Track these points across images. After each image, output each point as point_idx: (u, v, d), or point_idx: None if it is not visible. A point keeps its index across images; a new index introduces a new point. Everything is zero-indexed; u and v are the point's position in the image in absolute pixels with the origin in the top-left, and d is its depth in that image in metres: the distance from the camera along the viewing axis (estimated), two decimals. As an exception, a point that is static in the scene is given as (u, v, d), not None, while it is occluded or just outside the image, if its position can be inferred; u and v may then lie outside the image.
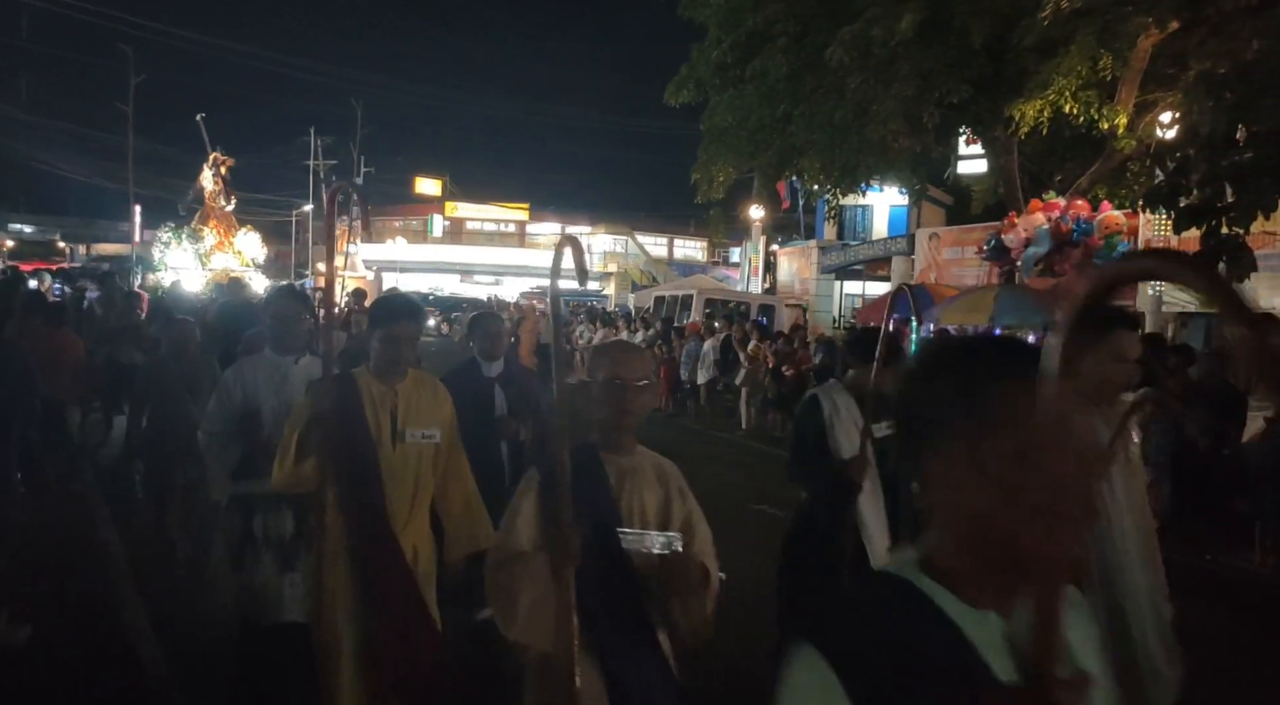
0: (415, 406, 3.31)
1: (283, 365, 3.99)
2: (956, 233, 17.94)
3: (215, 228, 20.88)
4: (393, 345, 3.26)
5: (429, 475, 3.32)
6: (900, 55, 13.23)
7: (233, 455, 3.79)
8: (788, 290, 24.91)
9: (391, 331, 3.26)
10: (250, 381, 3.92)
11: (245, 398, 3.88)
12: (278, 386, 3.91)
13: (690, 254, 50.01)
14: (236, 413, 3.84)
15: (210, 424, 3.90)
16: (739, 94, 16.32)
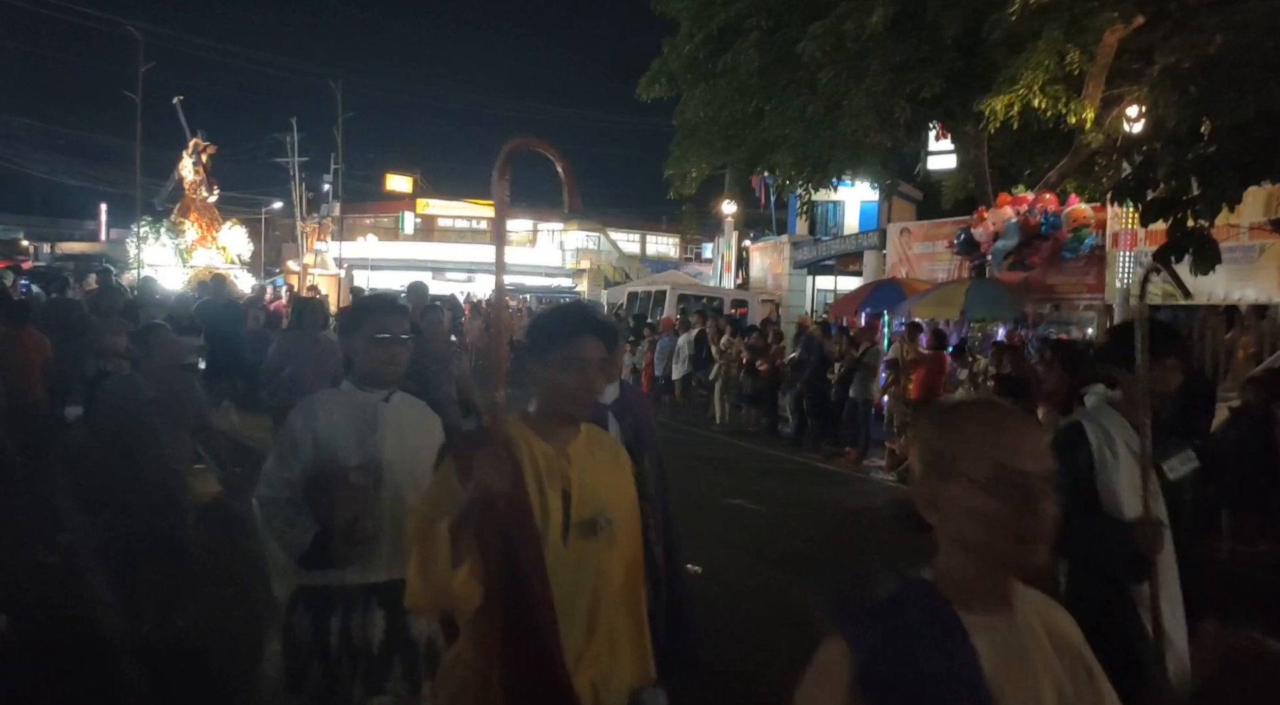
0: (593, 480, 2.25)
1: (369, 405, 2.97)
2: (927, 227, 18.05)
3: (197, 221, 19.52)
4: (579, 374, 2.21)
5: (611, 582, 2.24)
6: (871, 50, 13.29)
7: (303, 534, 2.80)
8: (760, 285, 24.96)
9: (575, 353, 2.20)
10: (326, 428, 2.92)
11: (319, 452, 2.90)
12: (363, 435, 2.92)
13: (663, 250, 50.03)
14: (307, 473, 2.88)
15: (270, 488, 2.89)
16: (711, 89, 16.32)
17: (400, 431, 2.98)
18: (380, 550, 2.84)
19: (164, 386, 4.67)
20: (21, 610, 4.86)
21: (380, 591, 2.82)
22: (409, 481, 2.87)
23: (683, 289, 21.89)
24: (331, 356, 6.90)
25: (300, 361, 6.96)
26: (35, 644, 4.63)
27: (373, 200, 48.38)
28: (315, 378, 6.63)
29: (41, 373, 7.59)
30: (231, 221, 20.47)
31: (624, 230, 48.66)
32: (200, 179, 19.46)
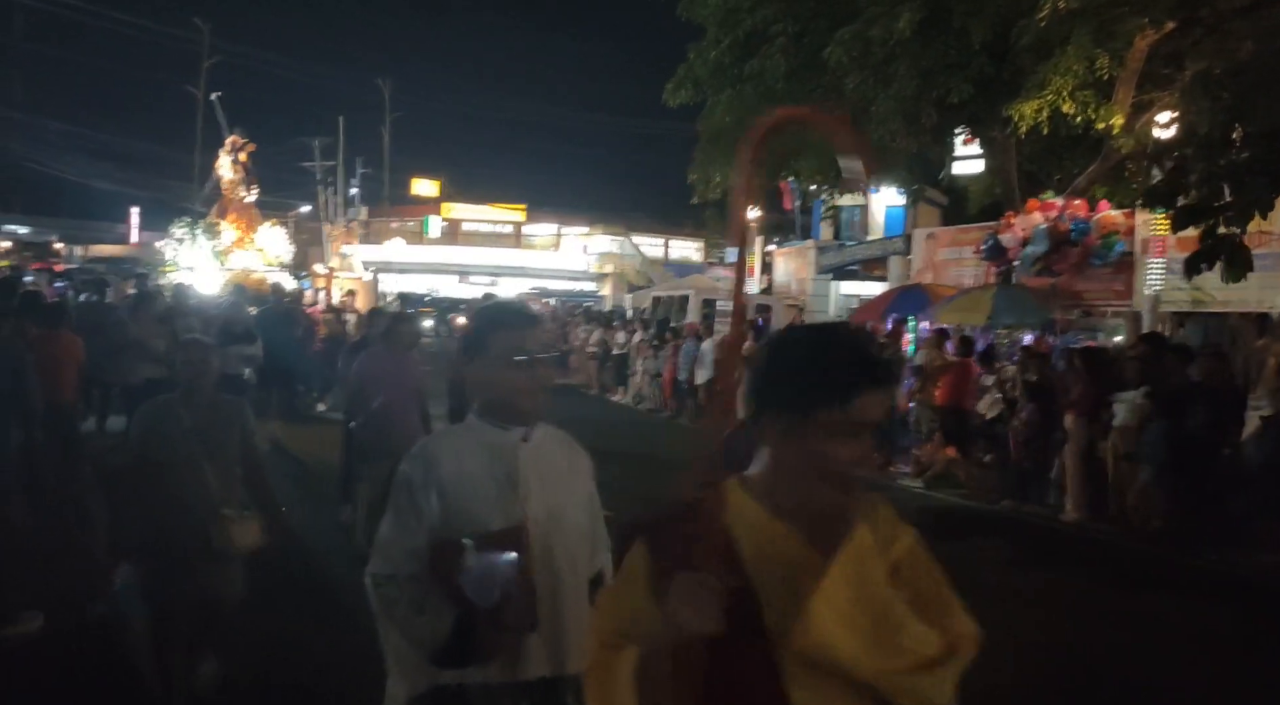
0: (856, 579, 1.52)
1: (507, 447, 2.30)
2: (953, 233, 17.95)
3: (234, 222, 18.10)
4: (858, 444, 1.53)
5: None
6: (899, 55, 13.27)
7: (438, 623, 2.14)
8: (784, 291, 24.91)
9: (869, 404, 1.51)
10: (455, 480, 2.24)
11: (450, 512, 2.21)
12: (503, 487, 2.25)
13: (686, 254, 49.98)
14: (436, 540, 2.18)
15: (388, 562, 2.23)
16: (737, 94, 16.33)
17: (548, 479, 2.32)
18: (533, 639, 2.22)
19: (206, 413, 3.96)
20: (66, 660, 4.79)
21: (534, 692, 2.21)
22: (563, 547, 2.28)
23: (706, 293, 21.89)
24: (418, 381, 6.50)
25: (390, 389, 6.22)
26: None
27: (398, 204, 48.71)
28: (408, 408, 6.23)
29: (74, 376, 7.66)
30: (271, 222, 19.44)
31: (648, 235, 48.70)
32: (238, 178, 18.41)
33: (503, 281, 42.68)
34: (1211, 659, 5.65)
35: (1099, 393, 8.88)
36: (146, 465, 3.83)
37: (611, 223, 47.40)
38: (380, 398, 6.14)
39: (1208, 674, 5.40)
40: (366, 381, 6.34)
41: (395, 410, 6.13)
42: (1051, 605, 6.54)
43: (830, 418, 1.49)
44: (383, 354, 6.49)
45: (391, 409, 6.12)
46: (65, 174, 39.05)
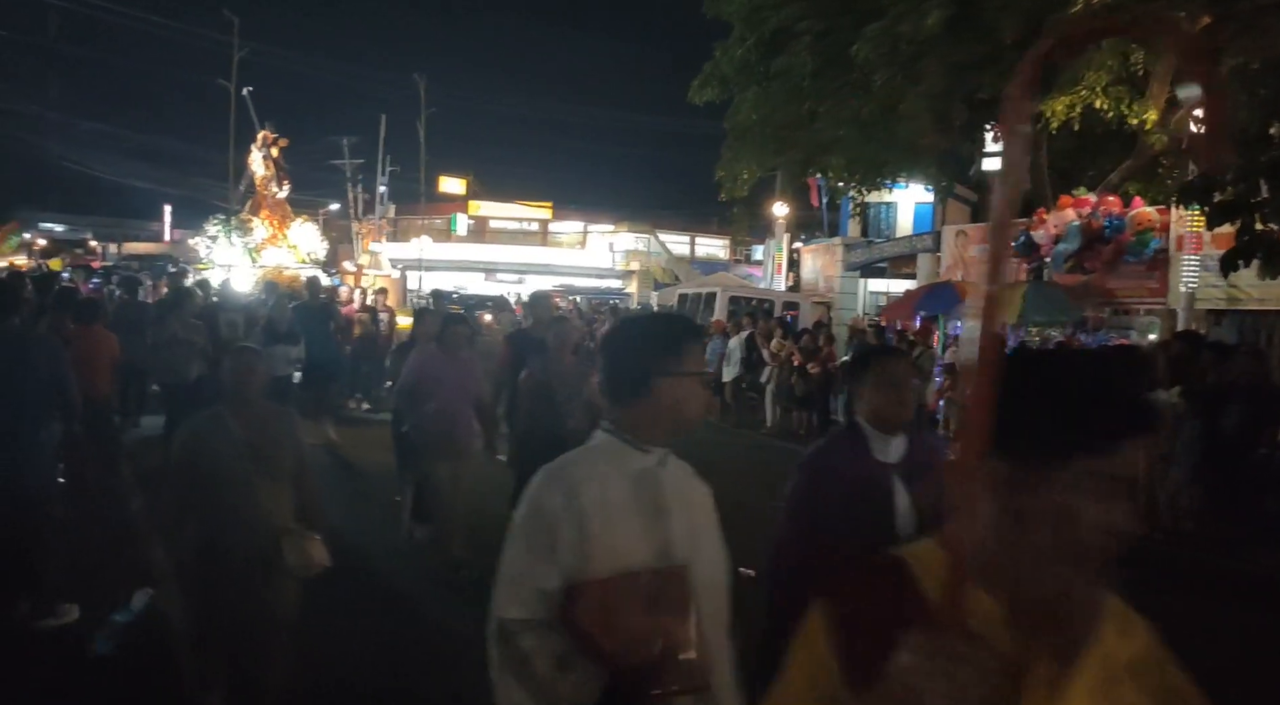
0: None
1: (648, 474, 1.99)
2: (984, 230, 17.79)
3: (267, 219, 17.65)
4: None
5: None
6: (928, 51, 13.16)
7: (583, 681, 1.79)
8: (812, 288, 24.81)
9: (1134, 451, 1.17)
10: (599, 510, 1.89)
11: (589, 544, 1.86)
12: (649, 520, 1.93)
13: (713, 252, 49.90)
14: (576, 581, 1.84)
15: (521, 606, 1.86)
16: (763, 92, 16.28)
17: (686, 513, 2.02)
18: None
19: (257, 425, 3.65)
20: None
21: None
22: (707, 593, 1.99)
23: (733, 291, 21.83)
24: (474, 381, 6.28)
25: (446, 390, 6.11)
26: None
27: (426, 201, 48.99)
28: (463, 410, 6.14)
29: (110, 371, 7.78)
30: (302, 218, 18.93)
31: (674, 232, 48.66)
32: (270, 174, 17.89)
33: (529, 279, 42.83)
34: (1247, 663, 5.57)
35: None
36: (195, 476, 3.57)
37: (637, 220, 47.41)
38: (434, 400, 6.06)
39: (1243, 679, 5.32)
40: (420, 383, 6.22)
41: (451, 412, 6.06)
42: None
43: (1086, 467, 1.14)
44: (436, 354, 6.33)
45: (447, 411, 6.04)
46: (99, 172, 39.65)
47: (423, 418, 6.10)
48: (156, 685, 4.31)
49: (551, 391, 5.50)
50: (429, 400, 6.06)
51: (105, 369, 7.73)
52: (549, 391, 5.51)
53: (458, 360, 6.24)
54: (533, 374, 5.74)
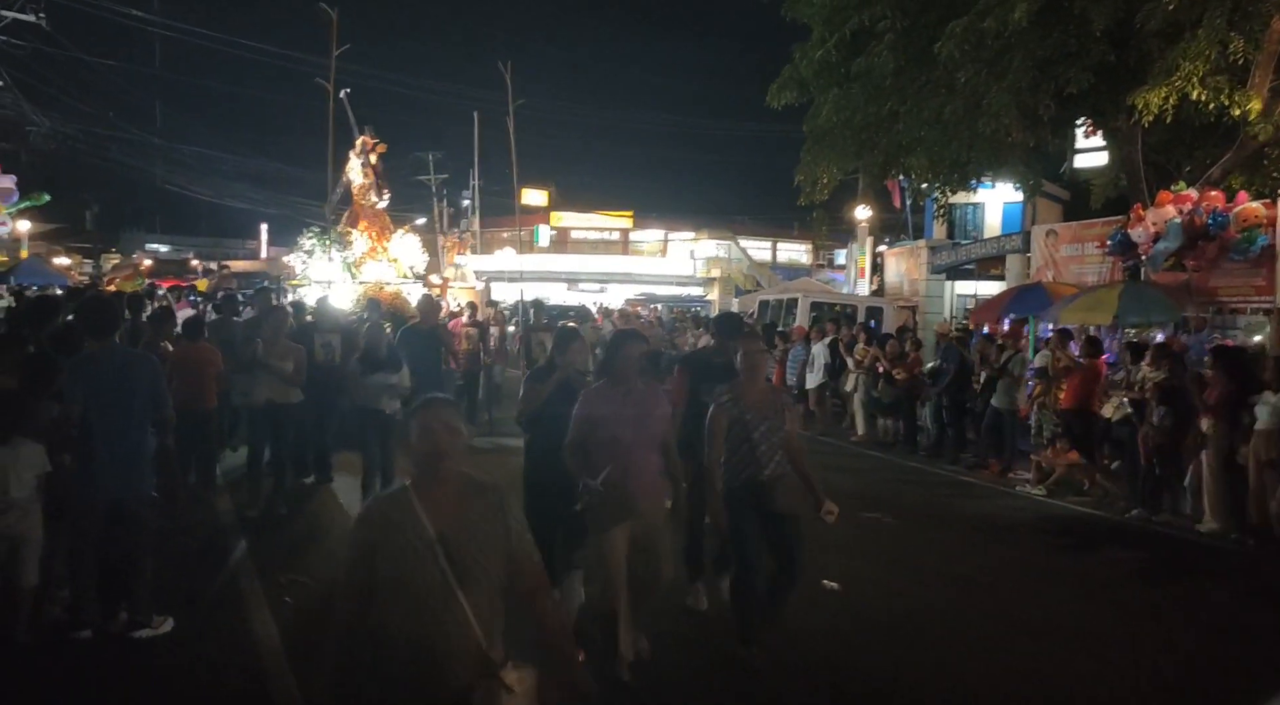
0: None
1: None
2: (1076, 228, 17.19)
3: (366, 230, 16.22)
4: None
5: None
6: (1014, 46, 12.80)
7: None
8: (896, 292, 24.35)
9: None
10: None
11: None
12: None
13: (794, 257, 49.45)
14: None
15: None
16: (844, 93, 16.05)
17: None
18: None
19: (454, 506, 2.60)
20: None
21: None
22: None
23: (814, 296, 21.55)
24: (660, 423, 4.75)
25: (628, 442, 4.60)
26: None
27: (509, 214, 49.74)
28: (649, 465, 4.66)
29: (213, 385, 8.08)
30: (403, 229, 17.41)
31: (755, 238, 48.39)
32: (369, 182, 16.51)
33: (611, 288, 43.05)
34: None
35: (1239, 395, 8.34)
36: (373, 582, 2.50)
37: (717, 227, 47.28)
38: (611, 455, 4.50)
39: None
40: (594, 435, 4.60)
41: (635, 470, 4.55)
42: (1191, 621, 6.16)
43: None
44: (607, 392, 4.72)
45: (630, 469, 4.51)
46: (199, 194, 41.33)
47: (598, 487, 4.43)
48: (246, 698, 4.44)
49: (748, 429, 4.80)
50: (605, 458, 4.50)
51: (209, 383, 8.02)
52: (745, 429, 4.80)
53: (636, 396, 4.71)
54: (722, 408, 4.85)
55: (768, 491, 4.80)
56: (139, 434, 4.95)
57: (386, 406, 7.70)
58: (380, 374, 7.68)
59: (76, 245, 36.47)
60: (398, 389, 7.74)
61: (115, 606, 4.96)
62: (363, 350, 7.95)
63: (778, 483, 4.83)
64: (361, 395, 7.71)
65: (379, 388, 7.68)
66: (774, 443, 4.83)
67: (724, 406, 4.84)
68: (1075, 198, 22.05)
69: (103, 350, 5.03)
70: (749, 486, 4.80)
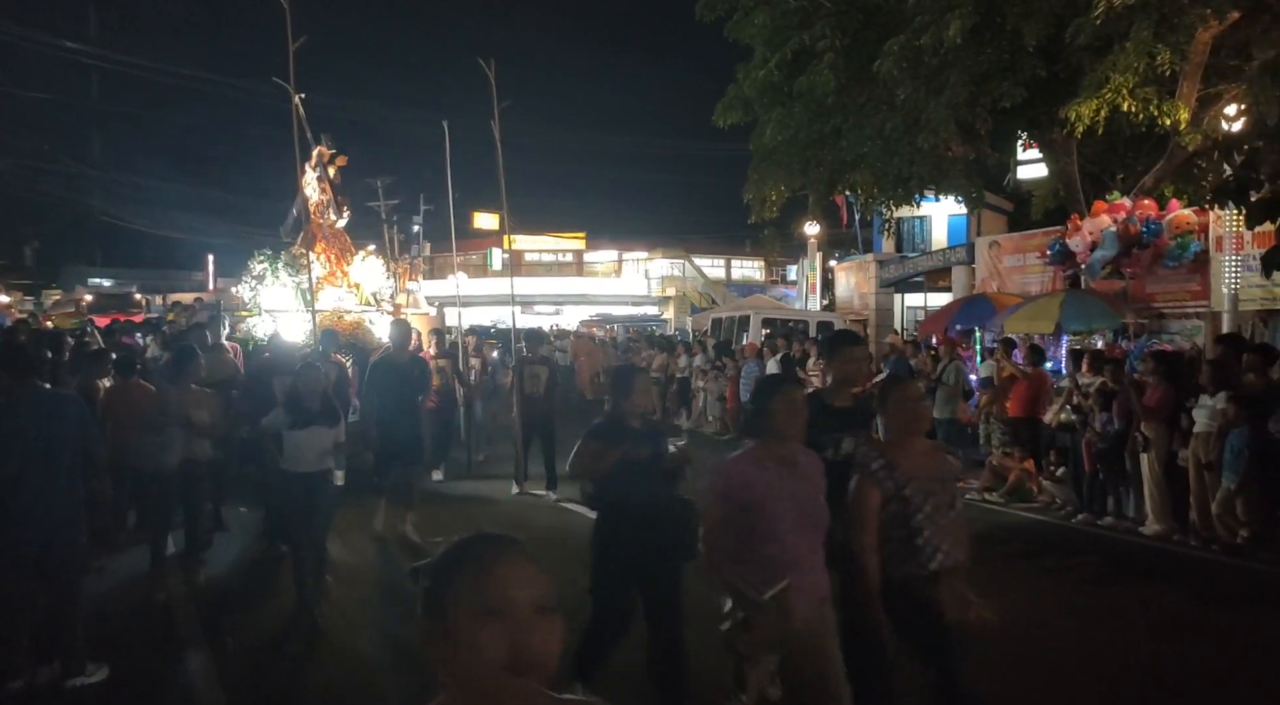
0: None
1: None
2: (1017, 239, 17.55)
3: (324, 252, 14.15)
4: None
5: None
6: (950, 62, 13.06)
7: None
8: (847, 306, 24.64)
9: None
10: None
11: None
12: None
13: (748, 274, 49.86)
14: None
15: None
16: (787, 112, 16.25)
17: None
18: None
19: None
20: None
21: None
22: None
23: (766, 313, 21.73)
24: (820, 504, 3.59)
25: (789, 530, 3.46)
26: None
27: (460, 238, 49.54)
28: (812, 556, 3.56)
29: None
30: (365, 252, 15.52)
31: (708, 256, 48.69)
32: (327, 198, 14.41)
33: (566, 310, 43.02)
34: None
35: (1178, 398, 8.52)
36: None
37: (671, 246, 47.50)
38: (771, 549, 3.38)
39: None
40: (738, 520, 3.41)
41: (799, 568, 3.37)
42: (1135, 622, 6.24)
43: None
44: (756, 458, 3.53)
45: (793, 570, 3.33)
46: (142, 226, 40.62)
47: (766, 602, 3.26)
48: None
49: (907, 509, 3.54)
50: (761, 556, 3.37)
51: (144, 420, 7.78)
52: (904, 510, 3.54)
53: (798, 465, 3.53)
54: (872, 479, 3.58)
55: (931, 594, 3.54)
56: (66, 479, 4.76)
57: (317, 467, 5.99)
58: (313, 427, 5.94)
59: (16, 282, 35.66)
60: (334, 449, 6.14)
61: (47, 655, 4.80)
62: (287, 396, 6.17)
63: (943, 580, 3.57)
64: (287, 457, 5.90)
65: (309, 448, 5.93)
66: (942, 527, 3.58)
67: (875, 476, 3.57)
68: (1018, 209, 22.52)
69: (24, 392, 4.86)
70: (907, 587, 3.57)
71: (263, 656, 5.35)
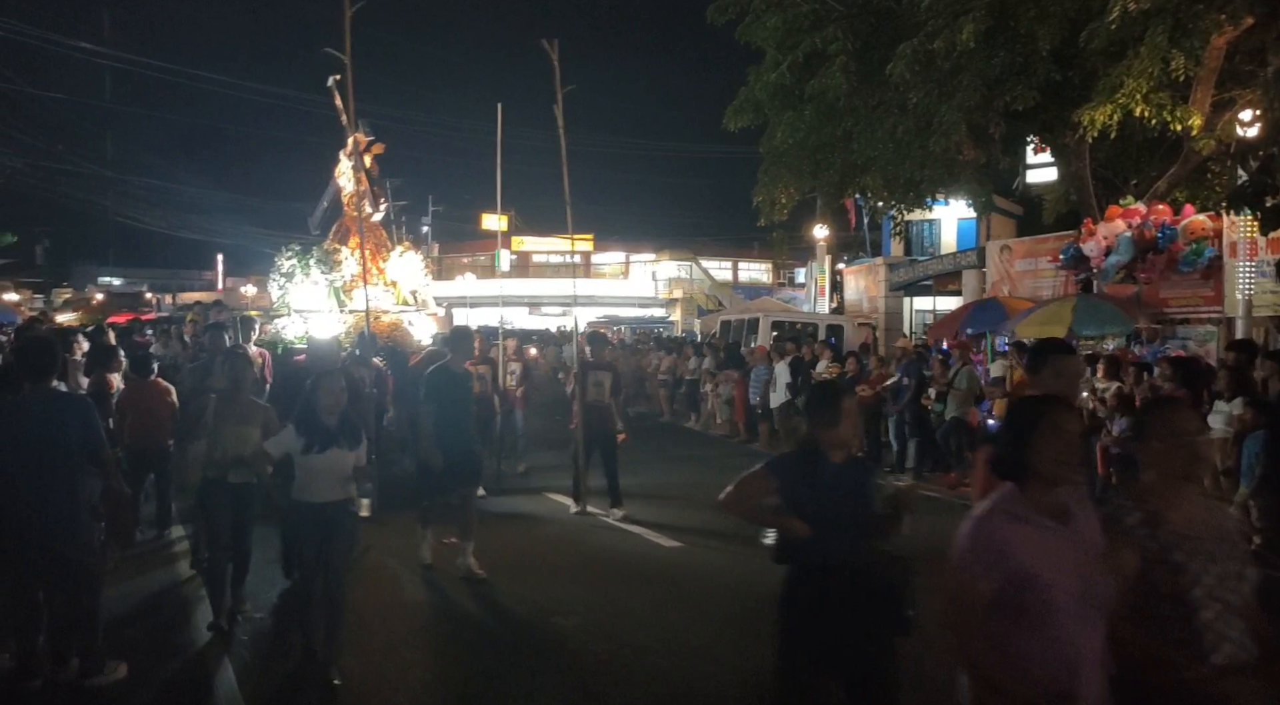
0: None
1: None
2: (1029, 243, 17.51)
3: (358, 247, 12.71)
4: None
5: None
6: (963, 66, 13.04)
7: None
8: (856, 309, 24.60)
9: None
10: None
11: None
12: None
13: (756, 276, 49.84)
14: None
15: None
16: (798, 115, 16.24)
17: None
18: None
19: None
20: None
21: None
22: None
23: (775, 315, 21.68)
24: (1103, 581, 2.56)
25: (1076, 605, 2.48)
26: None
27: (469, 239, 49.59)
28: (1097, 649, 2.51)
29: (168, 422, 7.83)
30: (402, 246, 14.26)
31: (716, 258, 48.71)
32: (363, 189, 13.09)
33: (573, 311, 43.05)
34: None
35: (1195, 404, 8.49)
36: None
37: (678, 248, 47.51)
38: (1041, 654, 2.47)
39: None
40: (1008, 593, 2.48)
41: (1081, 660, 2.48)
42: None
43: None
44: (1024, 511, 2.54)
45: (1073, 662, 2.48)
46: (153, 226, 40.77)
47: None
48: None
49: (1179, 579, 2.63)
50: (1039, 641, 2.47)
51: (164, 422, 7.79)
52: (1174, 578, 2.62)
53: (1073, 521, 2.58)
54: (1126, 536, 2.66)
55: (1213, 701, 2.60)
56: (72, 480, 4.71)
57: (336, 495, 5.08)
58: (331, 450, 5.02)
59: (27, 280, 35.79)
60: (357, 475, 5.26)
61: (66, 654, 4.80)
62: (298, 413, 5.16)
63: (1230, 682, 2.59)
64: (299, 485, 5.07)
65: (325, 473, 5.04)
66: (1229, 603, 2.61)
67: (1129, 533, 2.66)
68: (1028, 213, 22.46)
69: (31, 394, 4.83)
70: (1179, 695, 2.58)
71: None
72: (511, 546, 7.80)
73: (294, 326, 12.48)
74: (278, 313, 13.25)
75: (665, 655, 5.30)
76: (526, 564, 7.33)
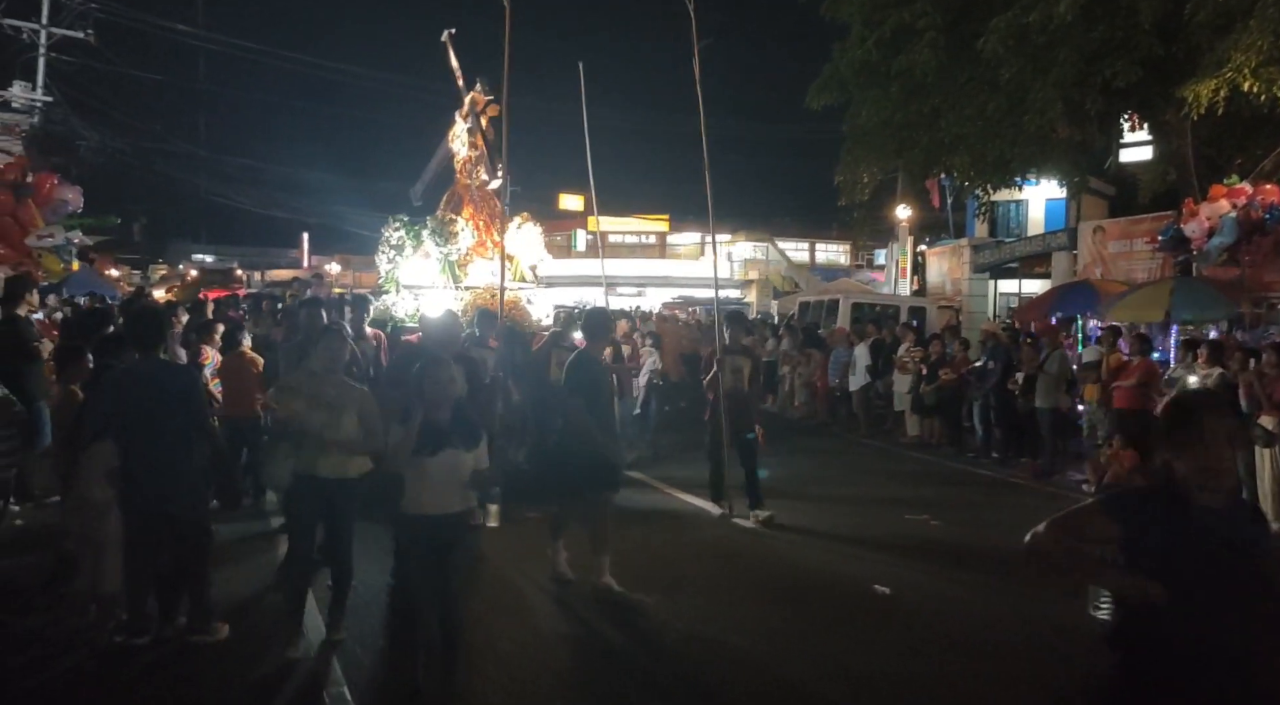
0: None
1: None
2: (1124, 224, 16.90)
3: (472, 219, 11.92)
4: None
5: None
6: (1060, 40, 12.62)
7: None
8: (938, 291, 24.08)
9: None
10: None
11: None
12: None
13: (833, 258, 49.17)
14: None
15: None
16: (883, 92, 15.93)
17: None
18: None
19: None
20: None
21: None
22: None
23: (856, 297, 21.34)
24: None
25: None
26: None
27: (547, 219, 49.92)
28: None
29: (257, 391, 8.10)
30: (521, 218, 12.92)
31: (792, 239, 48.17)
32: (478, 154, 12.03)
33: (648, 292, 43.11)
34: None
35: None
36: None
37: (754, 229, 47.13)
38: None
39: None
40: None
41: None
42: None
43: None
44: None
45: None
46: (244, 205, 41.93)
47: None
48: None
49: None
50: None
51: (252, 390, 8.07)
52: None
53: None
54: None
55: None
56: (177, 445, 4.90)
57: (454, 507, 4.37)
58: (445, 452, 4.30)
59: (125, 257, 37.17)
60: (479, 479, 4.51)
61: (173, 612, 5.02)
62: (404, 408, 4.39)
63: None
64: (407, 495, 4.31)
65: (438, 479, 4.30)
66: None
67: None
68: (1121, 193, 21.70)
69: (139, 363, 5.07)
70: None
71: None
72: (655, 559, 6.87)
73: (404, 303, 11.70)
74: (384, 288, 12.29)
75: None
76: (672, 578, 6.37)
